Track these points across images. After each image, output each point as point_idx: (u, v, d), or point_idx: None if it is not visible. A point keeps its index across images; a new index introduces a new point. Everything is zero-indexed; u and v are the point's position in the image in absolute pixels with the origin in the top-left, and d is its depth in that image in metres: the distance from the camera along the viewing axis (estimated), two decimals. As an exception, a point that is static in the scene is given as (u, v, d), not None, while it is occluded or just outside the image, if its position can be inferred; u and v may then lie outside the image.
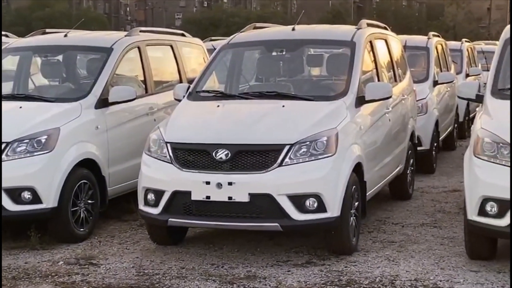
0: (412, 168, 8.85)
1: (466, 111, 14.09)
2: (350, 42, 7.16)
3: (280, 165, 5.82)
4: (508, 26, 6.97)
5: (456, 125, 12.97)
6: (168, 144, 6.12)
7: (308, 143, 5.94)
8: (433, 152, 10.54)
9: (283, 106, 6.41)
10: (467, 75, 14.70)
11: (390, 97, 7.14)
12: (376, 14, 51.42)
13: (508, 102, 6.21)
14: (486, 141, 5.72)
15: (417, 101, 9.87)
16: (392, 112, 7.81)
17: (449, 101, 12.01)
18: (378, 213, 7.89)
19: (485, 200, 5.61)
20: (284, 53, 7.57)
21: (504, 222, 5.53)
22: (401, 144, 8.26)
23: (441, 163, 11.27)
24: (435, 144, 10.71)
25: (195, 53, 9.59)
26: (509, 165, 5.52)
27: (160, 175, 6.09)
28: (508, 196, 5.47)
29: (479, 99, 6.49)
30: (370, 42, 7.55)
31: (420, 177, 10.06)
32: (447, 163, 11.45)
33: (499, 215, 5.55)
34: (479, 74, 14.44)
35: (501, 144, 5.62)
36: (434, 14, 58.15)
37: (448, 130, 12.21)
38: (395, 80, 8.41)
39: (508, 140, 5.57)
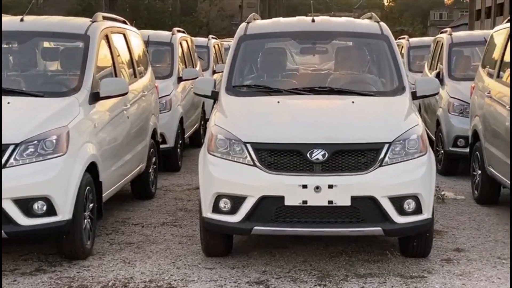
0: (155, 167, 8.91)
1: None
2: (83, 36, 7.01)
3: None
4: (244, 24, 7.30)
5: (203, 122, 13.27)
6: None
7: (36, 142, 5.69)
8: (178, 150, 10.70)
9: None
10: (214, 72, 15.14)
11: (127, 93, 7.11)
12: (128, 8, 51.20)
13: (243, 98, 6.54)
14: (220, 138, 5.92)
15: (160, 97, 10.03)
16: (131, 109, 7.81)
17: (195, 97, 12.24)
18: (118, 214, 7.84)
19: (219, 197, 5.80)
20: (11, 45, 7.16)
21: (236, 218, 5.75)
22: (142, 142, 8.28)
23: (187, 161, 11.49)
24: (180, 141, 10.88)
25: (139, 43, 9.02)
26: (240, 161, 5.77)
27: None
28: (241, 193, 5.71)
29: (214, 96, 6.70)
30: (107, 36, 7.46)
31: (165, 175, 10.18)
32: (194, 161, 11.65)
33: (232, 211, 5.77)
34: None
35: (233, 141, 5.85)
36: (187, 9, 59.35)
37: (195, 127, 12.47)
38: (135, 76, 8.40)
39: (241, 137, 5.81)
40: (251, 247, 6.56)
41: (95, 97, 6.69)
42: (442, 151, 10.35)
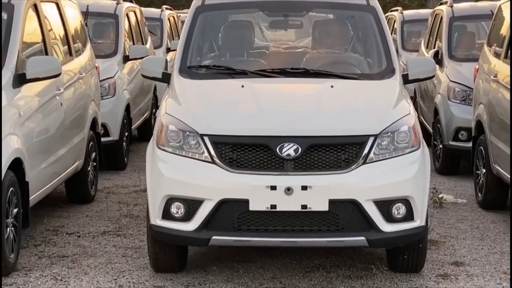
0: (95, 164, 8.92)
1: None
2: (7, 5, 6.96)
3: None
4: None
5: (154, 110, 13.24)
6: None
7: None
8: (124, 144, 10.69)
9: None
10: (168, 50, 15.12)
11: (60, 74, 7.09)
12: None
13: (200, 82, 6.54)
14: (171, 130, 5.92)
15: (102, 80, 10.01)
16: (65, 94, 7.79)
17: (146, 80, 12.20)
18: (49, 221, 7.80)
19: (170, 201, 5.81)
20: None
21: (191, 226, 5.75)
22: (79, 134, 8.28)
23: (134, 157, 11.48)
24: (127, 133, 10.88)
25: (76, 14, 8.96)
26: (196, 157, 5.77)
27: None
28: (197, 195, 5.71)
29: (166, 78, 6.70)
30: (35, 5, 7.42)
31: (108, 174, 10.17)
32: (142, 157, 11.52)
33: (186, 218, 5.77)
34: None
35: (188, 133, 5.85)
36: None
37: (144, 116, 12.46)
38: (71, 55, 8.39)
39: (197, 129, 5.81)
40: (209, 260, 6.56)
41: (20, 80, 6.66)
42: (441, 146, 10.45)
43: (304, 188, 5.63)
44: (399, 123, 5.95)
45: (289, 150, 5.70)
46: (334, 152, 5.75)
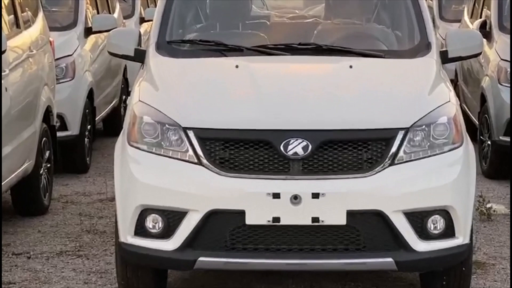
0: (49, 165, 8.95)
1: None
2: None
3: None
4: None
5: (124, 97, 13.23)
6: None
7: None
8: (86, 140, 10.71)
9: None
10: (143, 20, 15.13)
11: (4, 51, 7.11)
12: None
13: (183, 61, 6.55)
14: (147, 122, 5.92)
15: (58, 59, 10.02)
16: (11, 77, 7.82)
17: (113, 59, 12.16)
18: (-8, 238, 7.83)
19: (145, 212, 5.81)
20: None
21: (171, 244, 5.75)
22: (28, 128, 8.31)
23: (99, 157, 11.52)
24: (89, 126, 10.89)
25: None
26: (178, 156, 5.76)
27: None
28: (179, 205, 5.72)
29: (139, 56, 6.69)
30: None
31: (65, 178, 10.18)
32: (110, 156, 11.58)
33: (165, 234, 5.77)
34: None
35: (167, 126, 5.84)
36: None
37: (112, 104, 12.49)
38: (18, 26, 8.43)
39: (179, 121, 5.81)
40: (195, 288, 6.59)
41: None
42: (489, 142, 10.46)
43: (315, 196, 5.63)
44: (436, 113, 5.95)
45: (297, 147, 5.69)
46: (354, 150, 5.73)
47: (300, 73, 6.49)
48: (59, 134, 9.64)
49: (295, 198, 5.62)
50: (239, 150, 5.74)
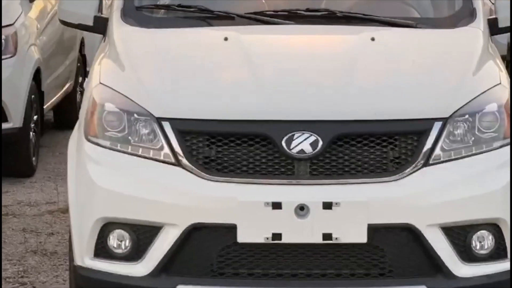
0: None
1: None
2: None
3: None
4: None
5: (81, 79, 13.30)
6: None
7: None
8: (32, 134, 10.78)
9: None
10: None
11: None
12: None
13: (156, 32, 6.60)
14: (110, 110, 5.94)
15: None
16: None
17: (66, 30, 12.24)
18: None
19: (108, 227, 5.83)
20: None
21: (143, 268, 5.76)
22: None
23: (48, 155, 11.68)
24: (36, 117, 10.97)
25: None
26: (151, 155, 5.78)
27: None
28: (152, 219, 5.73)
29: (100, 26, 6.75)
30: None
31: (5, 184, 10.25)
32: (62, 155, 11.67)
33: (134, 255, 5.79)
34: None
35: (136, 116, 5.86)
36: None
37: (65, 88, 12.57)
38: None
39: (152, 110, 5.81)
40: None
41: None
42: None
43: (327, 206, 5.63)
44: (482, 100, 5.98)
45: (303, 144, 5.70)
46: (377, 147, 5.76)
47: (307, 48, 6.52)
48: (-3, 127, 9.69)
49: (301, 209, 5.64)
50: (228, 148, 5.75)
